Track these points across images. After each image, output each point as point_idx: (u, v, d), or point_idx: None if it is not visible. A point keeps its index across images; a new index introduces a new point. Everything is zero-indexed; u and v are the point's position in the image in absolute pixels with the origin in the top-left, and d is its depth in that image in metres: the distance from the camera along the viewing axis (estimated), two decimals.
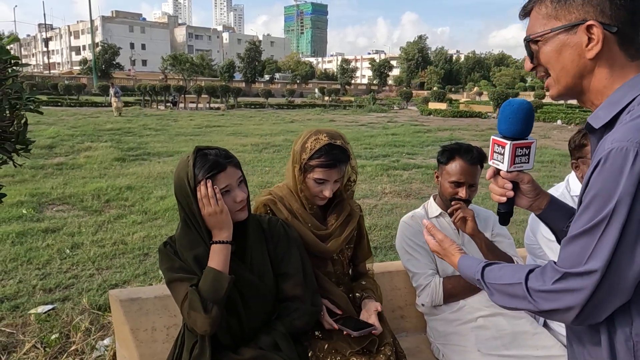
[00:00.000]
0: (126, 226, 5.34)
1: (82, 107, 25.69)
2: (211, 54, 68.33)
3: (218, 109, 27.61)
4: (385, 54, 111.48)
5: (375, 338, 1.64)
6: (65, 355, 2.68)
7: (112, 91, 22.09)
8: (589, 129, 1.03)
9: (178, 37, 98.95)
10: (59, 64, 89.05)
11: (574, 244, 0.92)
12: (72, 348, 2.73)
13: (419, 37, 74.74)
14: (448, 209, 2.02)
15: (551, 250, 2.08)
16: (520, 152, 1.12)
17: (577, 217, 0.93)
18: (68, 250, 4.53)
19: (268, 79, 59.88)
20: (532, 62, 1.07)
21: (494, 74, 68.19)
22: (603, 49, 0.96)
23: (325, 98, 40.66)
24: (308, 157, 1.68)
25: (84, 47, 79.62)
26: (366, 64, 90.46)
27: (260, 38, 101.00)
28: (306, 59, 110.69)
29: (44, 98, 25.89)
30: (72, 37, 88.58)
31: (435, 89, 44.78)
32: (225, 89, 31.36)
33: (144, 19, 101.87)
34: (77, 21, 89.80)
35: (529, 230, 2.32)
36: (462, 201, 1.97)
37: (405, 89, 46.74)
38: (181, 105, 28.22)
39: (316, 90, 47.78)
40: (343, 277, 1.89)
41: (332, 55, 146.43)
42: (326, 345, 1.64)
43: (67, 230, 5.12)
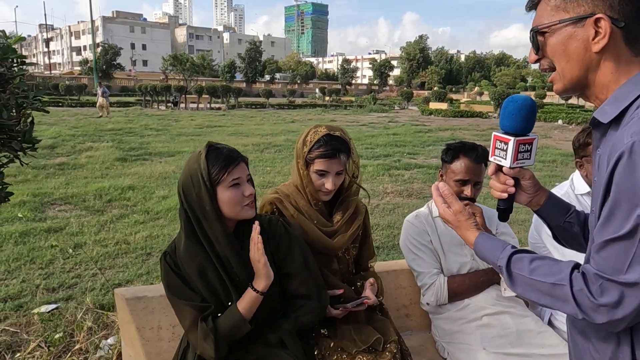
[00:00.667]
0: (128, 226, 5.35)
1: (83, 108, 25.69)
2: (212, 54, 68.22)
3: (219, 109, 27.63)
4: (385, 54, 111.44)
5: (381, 337, 1.64)
6: (69, 354, 2.69)
7: (100, 90, 21.23)
8: (595, 123, 1.03)
9: (179, 38, 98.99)
10: (59, 64, 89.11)
11: (612, 247, 0.89)
12: (76, 347, 2.74)
13: (420, 37, 74.70)
14: None
15: (556, 249, 2.08)
16: (523, 149, 1.12)
17: (608, 216, 0.90)
18: (71, 250, 4.54)
19: (269, 79, 59.90)
20: (537, 54, 1.06)
21: (495, 74, 68.18)
22: (609, 43, 0.96)
23: (326, 98, 40.66)
24: (309, 150, 1.71)
25: (84, 48, 79.70)
26: (367, 64, 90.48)
27: (261, 38, 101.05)
28: (307, 59, 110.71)
29: (45, 98, 25.87)
30: (73, 38, 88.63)
31: (436, 88, 44.73)
32: (226, 89, 31.36)
33: (145, 19, 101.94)
34: (78, 21, 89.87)
35: (533, 229, 2.32)
36: (468, 199, 1.97)
37: (405, 89, 46.73)
38: (182, 105, 28.24)
39: (317, 90, 47.80)
40: (348, 276, 1.89)
41: (333, 55, 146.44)
42: (332, 344, 1.65)
43: (70, 230, 5.13)
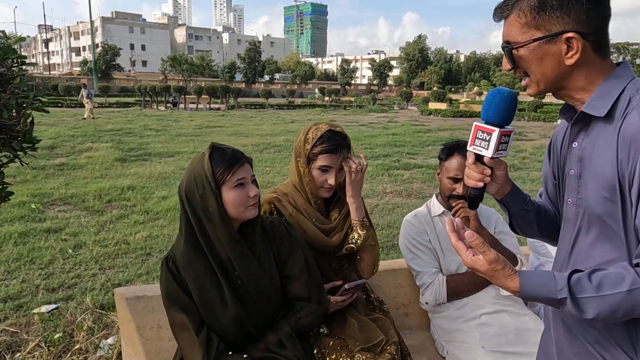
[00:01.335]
0: (128, 226, 5.35)
1: (83, 108, 25.59)
2: (211, 54, 68.30)
3: (218, 109, 27.62)
4: (385, 54, 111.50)
5: (383, 337, 1.65)
6: (69, 354, 2.69)
7: (85, 92, 20.11)
8: (581, 118, 1.08)
9: (178, 38, 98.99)
10: (58, 64, 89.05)
11: None
12: (76, 347, 2.74)
13: (419, 37, 74.71)
14: (451, 209, 2.03)
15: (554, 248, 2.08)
16: (504, 140, 1.16)
17: None
18: (71, 250, 4.54)
19: (268, 79, 59.92)
20: (511, 65, 1.12)
21: (494, 74, 68.20)
22: (581, 55, 1.03)
23: (326, 98, 40.67)
24: (311, 146, 1.72)
25: (84, 48, 79.67)
26: (366, 64, 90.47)
27: (260, 38, 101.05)
28: (306, 59, 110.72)
29: (45, 99, 25.87)
30: (72, 38, 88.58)
31: (435, 89, 44.74)
32: (226, 89, 31.37)
33: (144, 19, 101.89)
34: (77, 22, 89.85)
35: None
36: (460, 198, 1.98)
37: (405, 89, 46.79)
38: (181, 105, 28.24)
39: (316, 90, 47.80)
40: (349, 276, 1.89)
41: (332, 56, 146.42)
42: (331, 342, 1.65)
43: (70, 230, 5.13)
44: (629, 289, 0.92)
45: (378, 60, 72.13)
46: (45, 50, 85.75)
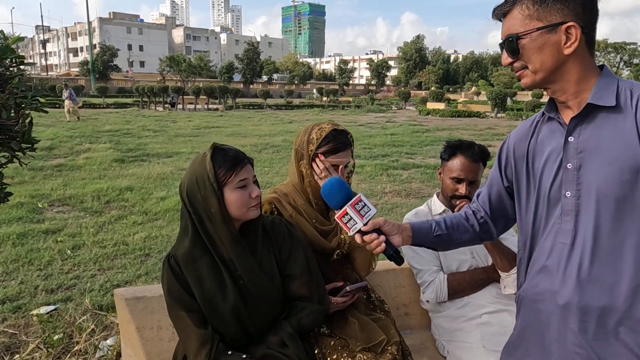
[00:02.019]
0: (127, 227, 5.34)
1: (81, 109, 25.59)
2: (209, 55, 68.21)
3: (216, 109, 27.61)
4: (383, 54, 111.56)
5: (384, 337, 1.64)
6: (68, 355, 2.68)
7: (67, 93, 18.56)
8: (591, 108, 1.12)
9: (176, 39, 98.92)
10: (56, 65, 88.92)
11: None
12: (76, 348, 2.73)
13: (417, 37, 74.79)
14: (452, 208, 2.03)
15: None
16: (359, 206, 1.29)
17: None
18: (69, 251, 4.53)
19: (266, 79, 59.91)
20: (512, 57, 1.18)
21: (492, 74, 68.27)
22: (578, 46, 1.11)
23: (324, 98, 40.67)
24: (316, 147, 1.71)
25: (81, 49, 79.62)
26: (364, 65, 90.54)
27: (258, 39, 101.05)
28: (304, 59, 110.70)
29: (43, 100, 25.78)
30: (70, 39, 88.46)
31: (433, 88, 44.81)
32: (224, 89, 31.35)
33: (142, 20, 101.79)
34: (75, 23, 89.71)
35: None
36: (463, 198, 1.97)
37: (403, 89, 46.81)
38: (179, 106, 28.22)
39: (314, 90, 47.84)
40: (351, 275, 1.89)
41: (330, 56, 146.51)
42: (333, 342, 1.65)
43: (68, 231, 5.11)
44: None
45: (376, 61, 72.13)
46: (42, 51, 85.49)
